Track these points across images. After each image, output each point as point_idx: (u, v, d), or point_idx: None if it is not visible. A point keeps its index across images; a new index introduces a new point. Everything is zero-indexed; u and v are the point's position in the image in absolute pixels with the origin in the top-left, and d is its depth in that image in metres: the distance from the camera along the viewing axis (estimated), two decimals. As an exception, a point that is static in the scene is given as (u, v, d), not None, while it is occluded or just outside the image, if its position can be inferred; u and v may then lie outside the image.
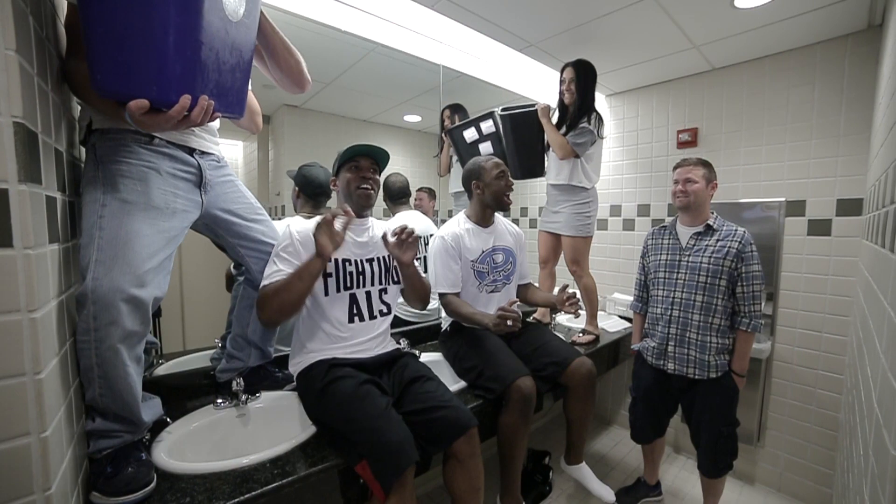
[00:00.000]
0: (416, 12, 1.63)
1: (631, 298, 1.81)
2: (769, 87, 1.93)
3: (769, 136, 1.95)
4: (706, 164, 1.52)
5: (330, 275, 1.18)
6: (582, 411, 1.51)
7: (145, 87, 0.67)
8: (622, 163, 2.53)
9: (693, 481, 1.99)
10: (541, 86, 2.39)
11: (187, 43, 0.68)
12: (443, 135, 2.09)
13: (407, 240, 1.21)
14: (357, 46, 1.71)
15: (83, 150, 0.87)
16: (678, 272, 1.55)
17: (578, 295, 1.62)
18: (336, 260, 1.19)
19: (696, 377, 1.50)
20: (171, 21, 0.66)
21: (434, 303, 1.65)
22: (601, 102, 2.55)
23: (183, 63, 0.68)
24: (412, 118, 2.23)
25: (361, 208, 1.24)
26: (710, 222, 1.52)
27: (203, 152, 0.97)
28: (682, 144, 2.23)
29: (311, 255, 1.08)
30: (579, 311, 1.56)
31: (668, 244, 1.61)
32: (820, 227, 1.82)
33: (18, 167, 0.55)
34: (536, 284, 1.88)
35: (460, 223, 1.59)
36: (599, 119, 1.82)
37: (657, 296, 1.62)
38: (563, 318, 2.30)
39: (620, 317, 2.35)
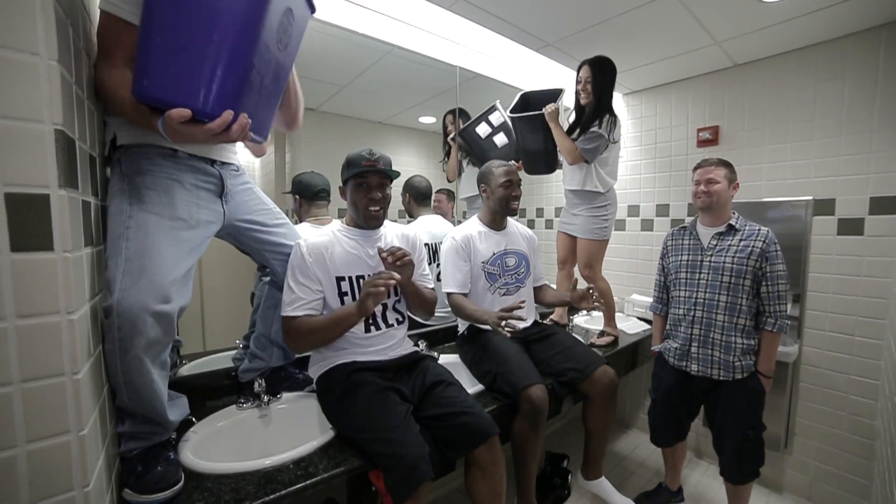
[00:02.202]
0: (434, 14, 1.63)
1: (650, 300, 1.78)
2: (794, 82, 1.87)
3: (795, 134, 1.89)
4: (727, 165, 1.49)
5: (346, 294, 1.18)
6: (602, 422, 1.48)
7: (191, 98, 0.68)
8: (640, 162, 2.48)
9: (717, 488, 1.94)
10: (557, 85, 2.36)
11: (241, 63, 0.71)
12: (449, 140, 2.08)
13: (395, 264, 1.12)
14: (374, 49, 1.72)
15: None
16: (700, 272, 1.51)
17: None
18: (350, 278, 1.19)
19: (721, 378, 1.46)
20: (231, 41, 0.69)
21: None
22: (618, 101, 2.51)
23: (234, 80, 0.71)
24: (427, 119, 2.23)
25: (371, 227, 1.23)
26: (732, 222, 1.48)
27: (223, 162, 0.98)
28: (702, 143, 2.18)
29: (349, 310, 1.10)
30: (597, 306, 1.50)
31: (689, 244, 1.57)
32: (851, 227, 1.75)
33: (59, 173, 0.57)
34: (554, 286, 1.86)
35: (472, 226, 1.60)
36: (613, 122, 1.73)
37: (679, 297, 1.58)
38: (580, 320, 2.27)
39: (639, 318, 2.30)
